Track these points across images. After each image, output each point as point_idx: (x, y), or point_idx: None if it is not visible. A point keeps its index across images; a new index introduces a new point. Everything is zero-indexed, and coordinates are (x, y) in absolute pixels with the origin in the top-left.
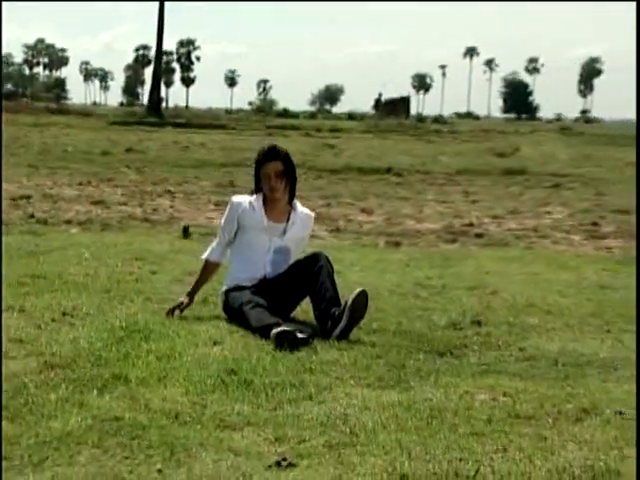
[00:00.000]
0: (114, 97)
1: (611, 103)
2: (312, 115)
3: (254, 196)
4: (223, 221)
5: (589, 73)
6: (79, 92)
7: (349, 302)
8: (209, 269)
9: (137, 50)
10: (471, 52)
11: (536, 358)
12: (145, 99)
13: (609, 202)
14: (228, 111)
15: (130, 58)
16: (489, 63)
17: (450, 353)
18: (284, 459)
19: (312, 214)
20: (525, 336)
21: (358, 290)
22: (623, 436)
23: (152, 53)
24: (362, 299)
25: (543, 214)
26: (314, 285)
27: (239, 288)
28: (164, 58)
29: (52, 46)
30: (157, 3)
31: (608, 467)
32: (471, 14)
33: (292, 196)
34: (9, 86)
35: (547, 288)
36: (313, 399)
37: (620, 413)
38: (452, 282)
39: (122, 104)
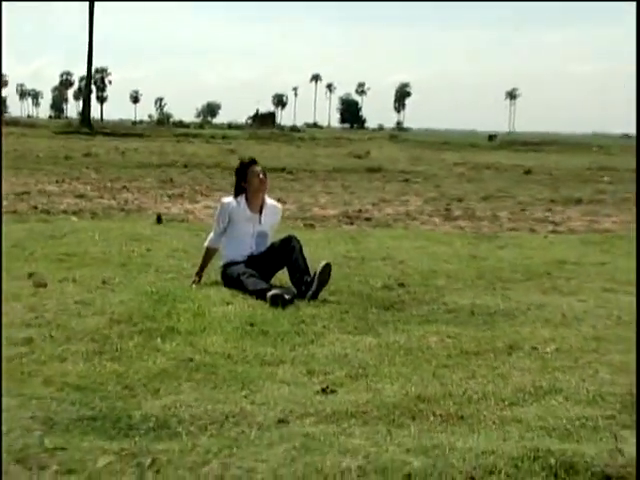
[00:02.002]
0: (43, 111)
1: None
2: (200, 125)
3: (238, 197)
4: (217, 217)
5: (401, 94)
6: (15, 108)
7: (318, 271)
8: (210, 253)
9: (62, 75)
10: (316, 78)
11: (456, 310)
12: (69, 113)
13: (447, 192)
14: (134, 122)
15: (56, 81)
16: (329, 86)
17: (393, 307)
18: (327, 387)
19: (280, 205)
20: (441, 294)
21: (324, 262)
22: (548, 365)
23: (74, 77)
24: (327, 269)
25: (405, 202)
26: (289, 259)
27: (234, 263)
28: (82, 82)
29: None
30: (76, 39)
31: (551, 386)
32: (317, 49)
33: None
34: None
35: (436, 258)
36: (315, 343)
37: (534, 348)
38: (367, 255)
39: (51, 117)
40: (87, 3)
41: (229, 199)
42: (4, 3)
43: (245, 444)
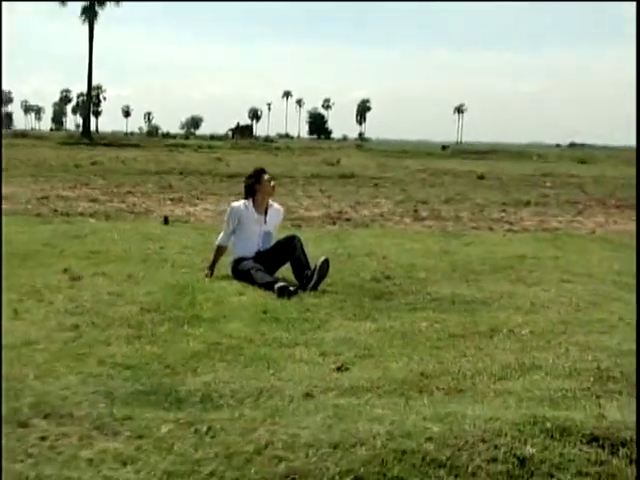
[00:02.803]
0: (45, 125)
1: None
2: (186, 137)
3: (246, 200)
4: (227, 219)
5: (362, 109)
6: (20, 122)
7: (317, 266)
8: (221, 251)
9: (61, 92)
10: (287, 94)
11: (439, 299)
12: (68, 126)
13: (413, 196)
14: (126, 134)
15: (56, 98)
16: (299, 101)
17: (383, 297)
18: (341, 365)
19: (282, 208)
20: (423, 285)
21: (323, 258)
22: (526, 345)
23: (72, 94)
24: (326, 264)
25: (377, 204)
26: (292, 255)
27: (244, 259)
28: (80, 98)
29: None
30: (74, 58)
31: (531, 363)
32: (288, 69)
33: None
34: None
35: (414, 254)
36: (321, 328)
37: (511, 331)
38: (353, 251)
39: (52, 129)
40: (87, 28)
41: (238, 203)
42: (4, 3)
43: (285, 414)
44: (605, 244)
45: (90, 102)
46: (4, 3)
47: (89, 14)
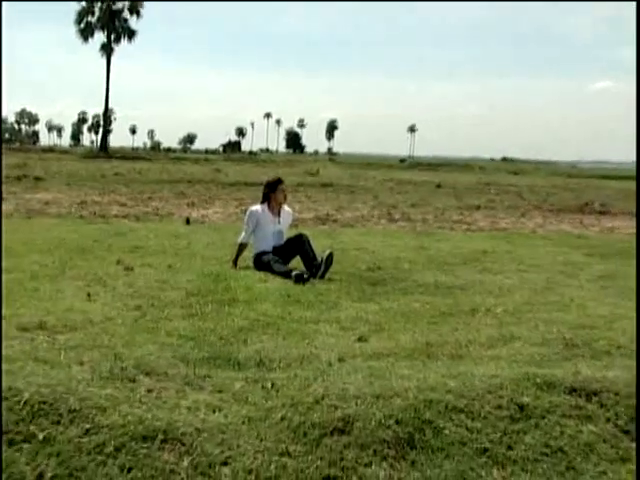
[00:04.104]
0: (64, 141)
1: (344, 144)
2: (184, 151)
3: (262, 205)
4: (247, 221)
5: (331, 127)
6: (45, 139)
7: (324, 258)
8: (242, 247)
9: (79, 114)
10: (268, 115)
11: (425, 285)
12: (84, 142)
13: (384, 201)
14: (133, 149)
15: (74, 118)
16: (278, 121)
17: (379, 284)
18: (360, 337)
19: (291, 210)
20: (409, 274)
21: (328, 251)
22: (502, 321)
23: (88, 115)
24: (331, 256)
25: (356, 208)
26: (302, 249)
27: (263, 253)
28: (95, 119)
29: (30, 112)
30: (94, 88)
31: (510, 335)
32: (269, 94)
33: None
34: (7, 135)
35: (396, 249)
36: (335, 308)
37: (489, 310)
38: (345, 247)
39: (70, 145)
40: (103, 61)
41: (256, 207)
42: (4, 3)
43: (330, 373)
44: (546, 241)
45: (106, 122)
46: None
47: (107, 49)
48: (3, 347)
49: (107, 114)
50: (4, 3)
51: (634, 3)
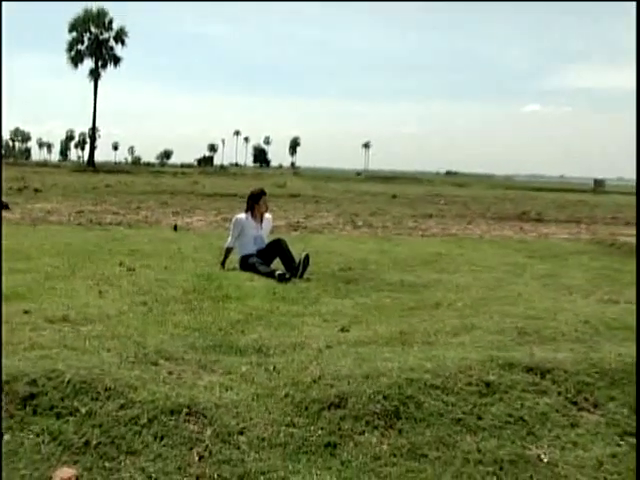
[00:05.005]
0: (54, 157)
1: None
2: (162, 165)
3: (246, 213)
4: (232, 227)
5: (294, 144)
6: (35, 155)
7: (302, 259)
8: (229, 251)
9: (67, 132)
10: (237, 132)
11: (392, 284)
12: (72, 157)
13: (346, 210)
14: (115, 163)
15: (63, 136)
16: (246, 138)
17: (352, 282)
18: (343, 328)
19: (271, 217)
20: (377, 274)
21: (304, 253)
22: (462, 314)
23: (75, 133)
24: (307, 258)
25: (322, 217)
26: (282, 252)
27: (248, 256)
28: (81, 137)
29: (22, 131)
30: (80, 108)
31: (471, 325)
32: (238, 114)
33: None
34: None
35: (363, 252)
36: (316, 303)
37: (450, 304)
38: (318, 250)
39: (59, 160)
40: (90, 83)
41: (241, 215)
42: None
43: (322, 358)
44: (493, 244)
45: (93, 140)
46: None
47: (95, 74)
48: (35, 336)
49: (94, 132)
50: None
51: (634, 3)
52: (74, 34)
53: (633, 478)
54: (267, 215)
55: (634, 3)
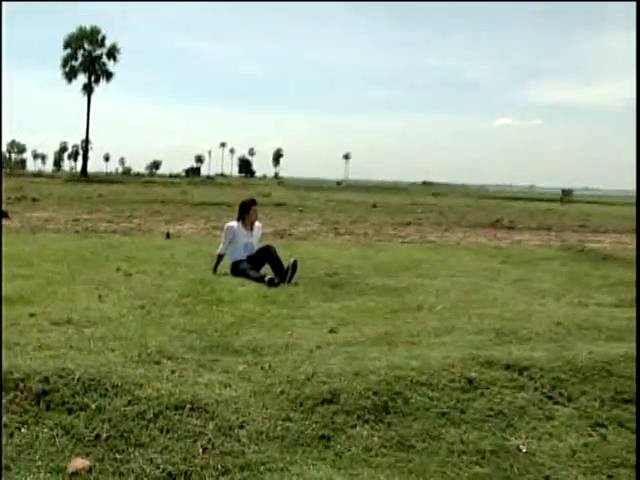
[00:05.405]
0: (48, 167)
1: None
2: (151, 175)
3: (237, 222)
4: (224, 235)
5: (277, 155)
6: (30, 165)
7: (290, 265)
8: (221, 257)
9: (60, 144)
10: (223, 144)
11: (376, 288)
12: (65, 168)
13: (329, 219)
14: (106, 174)
15: (57, 147)
16: (232, 150)
17: (337, 287)
18: (332, 329)
19: (261, 225)
20: (361, 279)
21: (292, 259)
22: (443, 316)
23: (68, 145)
24: (295, 264)
25: (306, 224)
26: (271, 258)
27: (239, 262)
28: (74, 148)
29: (18, 143)
30: (73, 120)
31: (451, 327)
32: (224, 127)
33: None
34: None
35: (346, 258)
36: (305, 307)
37: (431, 307)
38: (303, 256)
39: (53, 171)
40: (81, 97)
41: (232, 223)
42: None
43: (314, 357)
44: (469, 251)
45: (87, 152)
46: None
47: (88, 89)
48: (42, 337)
49: (87, 144)
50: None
51: (634, 3)
52: (69, 50)
53: (604, 465)
54: (257, 223)
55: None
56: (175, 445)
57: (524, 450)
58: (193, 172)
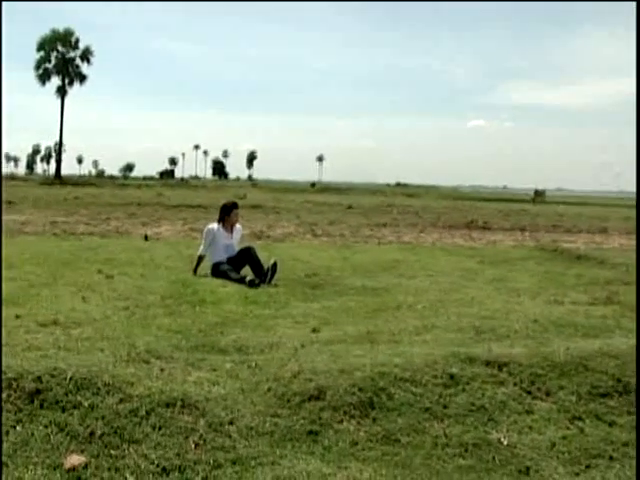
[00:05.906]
0: (20, 170)
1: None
2: (125, 178)
3: (217, 224)
4: (205, 236)
5: (251, 157)
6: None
7: (270, 266)
8: (201, 259)
9: (33, 146)
10: (197, 146)
11: (355, 288)
12: (38, 171)
13: (305, 220)
14: (80, 176)
15: (29, 150)
16: (205, 152)
17: (317, 287)
18: (314, 329)
19: (241, 227)
20: (341, 279)
21: (273, 260)
22: (423, 315)
23: (41, 147)
24: (275, 265)
25: (284, 226)
26: (251, 260)
27: (220, 263)
28: (47, 151)
29: None
30: (46, 123)
31: (431, 325)
32: (198, 129)
33: None
34: None
35: (325, 259)
36: (286, 307)
37: (410, 306)
38: (283, 258)
39: (26, 174)
40: (59, 102)
41: (212, 225)
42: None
43: (300, 355)
44: (445, 252)
45: (60, 154)
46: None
47: (62, 92)
48: (30, 338)
49: (61, 147)
50: None
51: (634, 3)
52: (42, 53)
53: (582, 457)
54: (238, 226)
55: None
56: (168, 441)
57: (505, 443)
58: (167, 174)
